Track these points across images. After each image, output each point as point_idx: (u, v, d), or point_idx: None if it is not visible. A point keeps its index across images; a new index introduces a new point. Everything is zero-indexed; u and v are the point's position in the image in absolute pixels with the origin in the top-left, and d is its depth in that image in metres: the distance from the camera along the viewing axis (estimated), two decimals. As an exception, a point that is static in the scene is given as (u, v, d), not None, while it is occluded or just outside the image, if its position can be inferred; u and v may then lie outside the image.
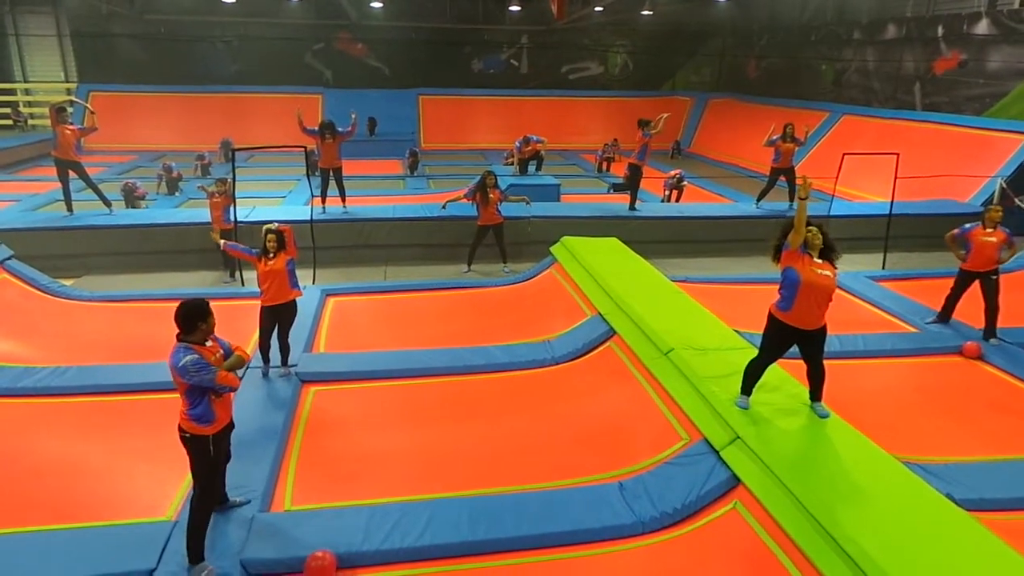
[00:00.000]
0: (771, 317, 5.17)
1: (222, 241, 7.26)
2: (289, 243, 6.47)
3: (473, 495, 4.97)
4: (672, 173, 15.13)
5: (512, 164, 15.64)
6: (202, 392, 4.12)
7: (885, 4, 19.47)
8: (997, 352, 7.29)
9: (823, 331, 5.11)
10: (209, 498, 4.32)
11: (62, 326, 8.07)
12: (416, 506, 4.74)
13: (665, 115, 12.13)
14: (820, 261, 4.97)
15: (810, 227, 4.95)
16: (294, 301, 6.54)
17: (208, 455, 4.23)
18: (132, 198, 13.79)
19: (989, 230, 7.43)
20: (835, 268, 5.05)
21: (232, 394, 4.36)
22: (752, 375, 5.31)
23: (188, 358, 4.02)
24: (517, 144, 14.97)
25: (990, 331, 7.50)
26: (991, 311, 7.46)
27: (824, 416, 5.15)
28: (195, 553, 4.15)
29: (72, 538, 4.39)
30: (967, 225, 7.65)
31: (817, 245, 4.96)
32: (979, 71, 16.11)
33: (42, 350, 7.33)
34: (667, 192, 14.88)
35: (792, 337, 5.11)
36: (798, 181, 5.21)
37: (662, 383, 6.03)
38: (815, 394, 5.26)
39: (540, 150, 15.04)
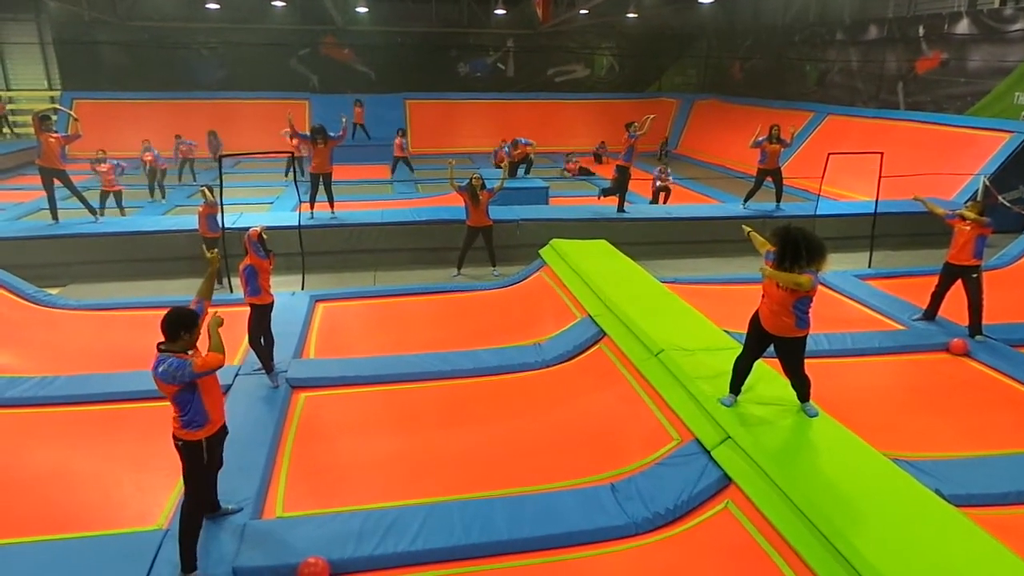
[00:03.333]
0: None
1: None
2: (247, 246, 6.40)
3: (466, 499, 4.96)
4: (658, 170, 15.16)
5: (502, 167, 15.65)
6: (192, 390, 4.09)
7: (867, 5, 19.63)
8: (983, 348, 7.37)
9: (790, 342, 5.10)
10: (200, 505, 4.30)
11: (48, 336, 8.00)
12: (409, 510, 4.74)
13: (651, 116, 12.19)
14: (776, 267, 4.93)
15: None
16: (251, 306, 6.48)
17: (201, 461, 4.21)
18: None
19: (970, 218, 7.50)
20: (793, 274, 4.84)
21: (224, 396, 4.32)
22: (738, 373, 5.37)
23: (163, 365, 4.00)
24: (506, 148, 15.00)
25: (975, 328, 7.58)
26: (975, 308, 7.56)
27: (813, 415, 5.19)
28: (188, 562, 4.13)
29: (62, 549, 4.36)
30: (958, 212, 7.77)
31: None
32: (960, 70, 16.26)
33: (29, 360, 7.27)
34: (656, 193, 14.92)
35: (763, 334, 5.15)
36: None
37: (653, 384, 6.06)
38: (800, 397, 5.29)
39: (529, 153, 15.09)
